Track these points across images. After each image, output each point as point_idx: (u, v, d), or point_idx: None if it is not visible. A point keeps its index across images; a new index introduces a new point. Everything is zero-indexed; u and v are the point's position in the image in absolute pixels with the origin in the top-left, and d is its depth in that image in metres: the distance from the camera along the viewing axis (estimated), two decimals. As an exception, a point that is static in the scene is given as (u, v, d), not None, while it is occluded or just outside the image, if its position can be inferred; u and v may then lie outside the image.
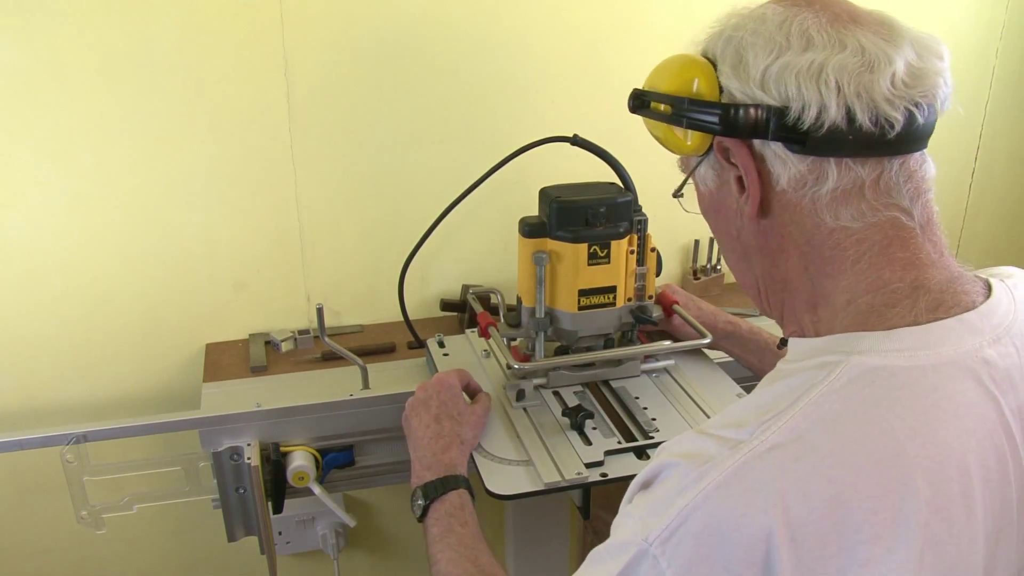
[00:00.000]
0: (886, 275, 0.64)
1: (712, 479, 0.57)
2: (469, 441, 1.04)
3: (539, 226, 1.12)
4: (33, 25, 1.22)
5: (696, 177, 0.75)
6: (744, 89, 0.66)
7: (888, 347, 0.61)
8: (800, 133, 0.64)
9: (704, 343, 1.16)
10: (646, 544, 0.58)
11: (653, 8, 1.47)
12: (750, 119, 0.65)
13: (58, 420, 1.43)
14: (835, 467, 0.56)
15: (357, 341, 1.47)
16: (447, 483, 0.96)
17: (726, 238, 0.76)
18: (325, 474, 1.26)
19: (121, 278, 1.39)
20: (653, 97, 0.76)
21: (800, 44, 0.64)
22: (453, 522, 0.92)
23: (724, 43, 0.69)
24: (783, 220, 0.68)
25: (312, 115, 1.38)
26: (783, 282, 0.71)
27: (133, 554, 1.59)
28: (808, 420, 0.58)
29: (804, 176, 0.65)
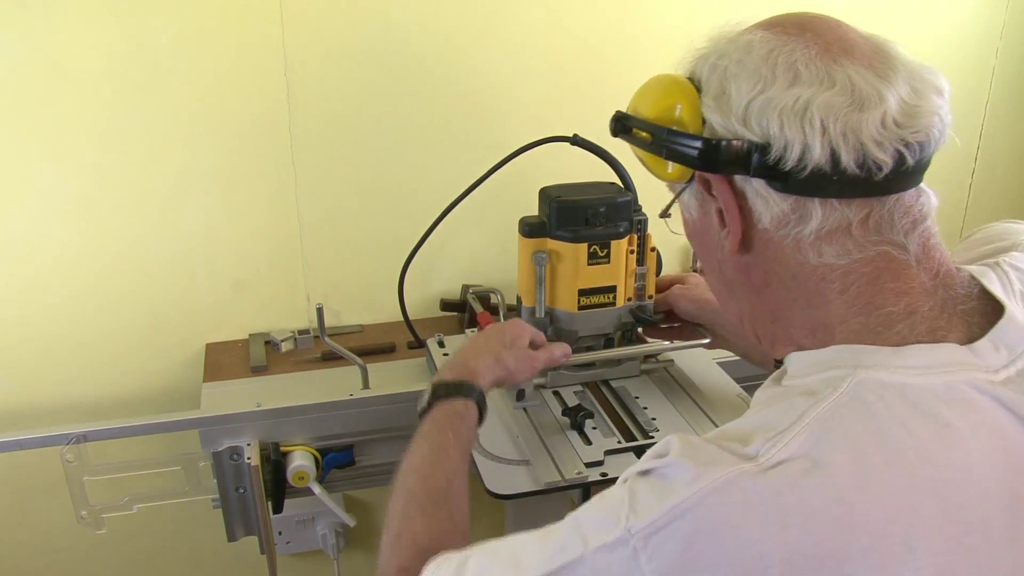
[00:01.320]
0: (877, 300, 0.62)
1: (711, 482, 0.54)
2: (509, 367, 0.97)
3: (539, 226, 1.12)
4: (33, 26, 1.22)
5: (680, 203, 0.73)
6: (725, 123, 0.63)
7: (898, 363, 0.58)
8: (782, 172, 0.60)
9: (704, 343, 1.16)
10: (628, 533, 0.56)
11: (652, 8, 1.47)
12: (731, 154, 0.62)
13: (58, 420, 1.42)
14: (843, 487, 0.53)
15: (357, 341, 1.47)
16: (460, 388, 0.92)
17: (710, 268, 0.74)
18: (325, 474, 1.26)
19: (121, 278, 1.39)
20: (634, 122, 0.73)
21: (786, 78, 0.60)
22: (447, 426, 0.88)
23: (709, 70, 0.66)
24: (766, 257, 0.65)
25: (312, 115, 1.38)
26: (771, 313, 0.69)
27: (133, 554, 1.59)
28: (814, 436, 0.55)
29: (787, 215, 0.62)
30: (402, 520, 0.79)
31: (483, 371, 0.95)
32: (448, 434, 0.87)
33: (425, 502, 0.80)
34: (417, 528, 0.78)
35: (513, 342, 1.00)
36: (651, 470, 0.59)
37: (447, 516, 0.80)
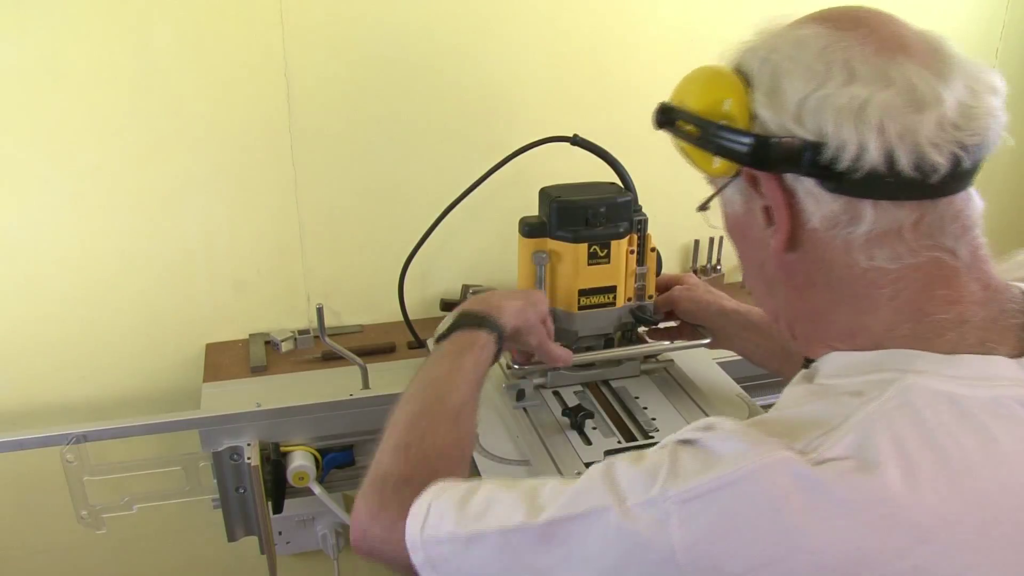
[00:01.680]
0: (928, 308, 0.60)
1: (761, 460, 0.54)
2: (530, 320, 0.97)
3: (539, 226, 1.12)
4: (33, 26, 1.22)
5: (723, 197, 0.70)
6: (778, 120, 0.61)
7: (949, 372, 0.58)
8: (835, 172, 0.59)
9: (704, 343, 1.16)
10: (662, 496, 0.56)
11: (652, 9, 1.47)
12: (783, 152, 0.60)
13: (58, 420, 1.43)
14: (888, 489, 0.53)
15: (357, 341, 1.47)
16: (484, 321, 0.90)
17: (750, 265, 0.72)
18: (325, 474, 1.26)
19: (121, 278, 1.39)
20: (680, 115, 0.70)
21: (842, 76, 0.59)
22: (467, 352, 0.87)
23: (760, 63, 0.63)
24: (813, 257, 0.64)
25: (312, 115, 1.38)
26: (812, 314, 0.67)
27: (133, 554, 1.59)
28: (863, 436, 0.55)
29: (837, 216, 0.61)
30: (410, 431, 0.78)
31: (509, 312, 0.94)
32: (467, 360, 0.87)
33: (438, 418, 0.80)
34: (427, 444, 0.77)
35: (535, 305, 1.00)
36: (695, 440, 0.59)
37: (456, 440, 0.80)
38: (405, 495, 0.71)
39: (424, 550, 0.67)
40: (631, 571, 0.57)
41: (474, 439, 0.83)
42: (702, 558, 0.54)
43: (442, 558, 0.66)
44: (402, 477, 0.74)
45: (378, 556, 0.73)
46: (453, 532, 0.66)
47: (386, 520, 0.71)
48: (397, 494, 0.72)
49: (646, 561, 0.56)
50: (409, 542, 0.68)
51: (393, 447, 0.78)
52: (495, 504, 0.65)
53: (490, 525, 0.64)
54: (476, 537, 0.64)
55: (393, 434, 0.79)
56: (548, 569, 0.61)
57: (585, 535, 0.59)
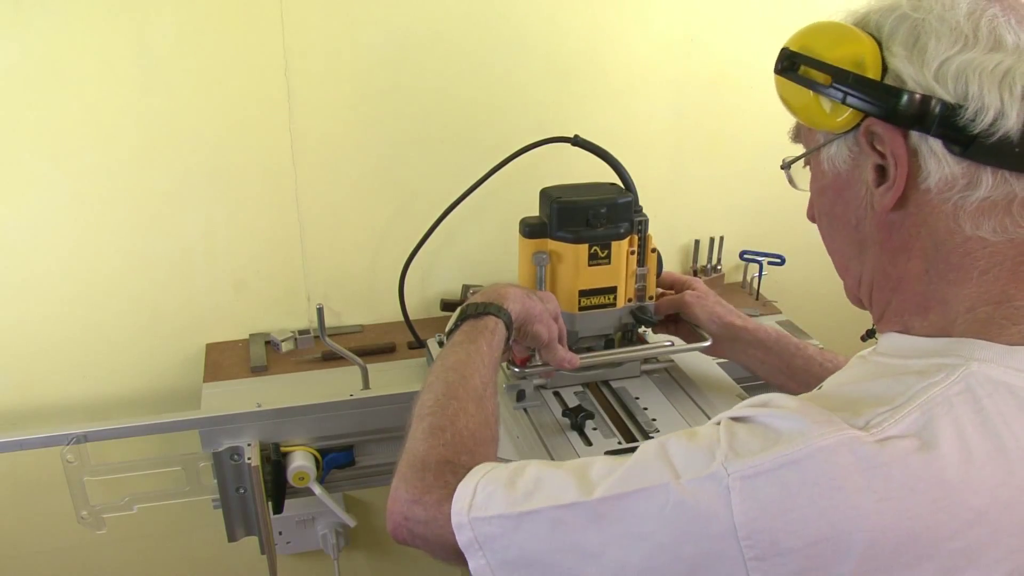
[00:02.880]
0: (1011, 291, 0.61)
1: (824, 439, 0.55)
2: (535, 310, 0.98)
3: (540, 226, 1.12)
4: (33, 25, 1.22)
5: (823, 154, 0.69)
6: (917, 76, 0.61)
7: (1012, 364, 0.59)
8: (967, 136, 0.59)
9: (704, 345, 1.16)
10: (723, 471, 0.56)
11: (653, 10, 1.47)
12: (918, 108, 0.60)
13: (58, 420, 1.43)
14: (946, 471, 0.54)
15: (357, 341, 1.47)
16: (489, 308, 0.92)
17: (841, 224, 0.71)
18: (325, 474, 1.26)
19: (121, 278, 1.39)
20: (808, 62, 0.68)
21: (989, 42, 0.60)
22: (478, 336, 0.89)
23: (897, 20, 0.63)
24: (917, 219, 0.64)
25: (312, 115, 1.38)
26: (896, 281, 0.67)
27: (133, 554, 1.59)
28: (925, 417, 0.56)
29: (955, 179, 0.61)
30: (442, 414, 0.79)
31: (512, 298, 0.96)
32: (482, 344, 0.88)
33: (464, 400, 0.81)
34: (460, 425, 0.78)
35: (543, 299, 1.02)
36: (750, 417, 0.60)
37: (484, 420, 0.80)
38: (448, 477, 0.71)
39: (472, 529, 0.67)
40: (688, 547, 0.58)
41: (499, 418, 0.84)
42: (761, 532, 0.55)
43: (491, 537, 0.66)
44: (442, 459, 0.74)
45: (420, 540, 0.74)
46: (503, 511, 0.66)
47: (430, 502, 0.71)
48: (440, 477, 0.73)
49: (705, 535, 0.57)
50: (456, 522, 0.68)
51: (426, 431, 0.78)
52: (545, 482, 0.65)
53: (541, 503, 0.64)
54: (527, 515, 0.64)
55: (423, 419, 0.79)
56: (601, 547, 0.61)
57: (641, 511, 0.60)
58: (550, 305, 1.03)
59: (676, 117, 1.52)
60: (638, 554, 0.59)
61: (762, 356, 1.12)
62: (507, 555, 0.65)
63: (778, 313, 1.56)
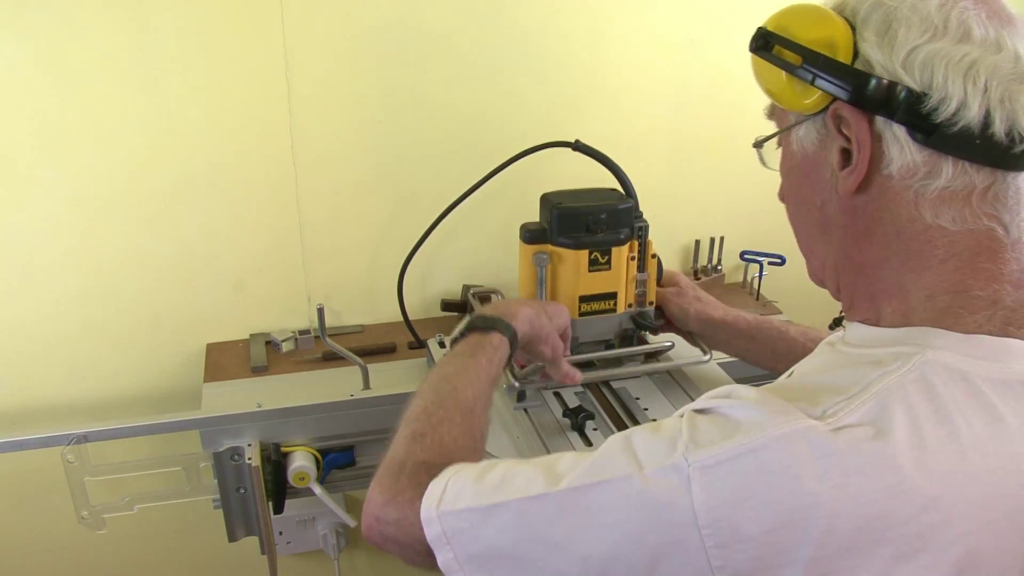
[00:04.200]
0: (969, 281, 0.63)
1: (781, 428, 0.56)
2: (544, 329, 1.00)
3: (540, 232, 1.12)
4: (33, 25, 1.22)
5: (792, 135, 0.71)
6: (885, 63, 0.62)
7: (966, 351, 0.60)
8: (930, 124, 0.60)
9: (704, 360, 1.17)
10: (684, 462, 0.58)
11: (654, 13, 1.46)
12: (884, 94, 0.62)
13: (59, 420, 1.43)
14: (898, 456, 0.55)
15: (358, 341, 1.47)
16: (497, 324, 0.93)
17: (807, 206, 0.73)
18: (326, 474, 1.26)
19: (121, 278, 1.39)
20: (781, 42, 0.69)
21: (958, 33, 0.61)
22: (480, 352, 0.90)
23: (872, 7, 0.64)
24: (879, 205, 0.65)
25: (313, 115, 1.38)
26: (860, 266, 0.69)
27: (134, 554, 1.59)
28: (880, 406, 0.57)
29: (917, 167, 0.62)
30: (427, 422, 0.80)
31: (522, 317, 0.97)
32: (481, 359, 0.89)
33: (453, 411, 0.81)
34: (443, 433, 0.79)
35: (552, 316, 1.03)
36: (711, 408, 0.62)
37: (469, 431, 0.81)
38: (422, 478, 0.72)
39: (440, 523, 0.67)
40: (651, 536, 0.59)
41: (486, 434, 0.84)
42: (721, 520, 0.56)
43: (458, 530, 0.66)
44: (419, 462, 0.75)
45: (391, 542, 0.74)
46: (471, 504, 0.66)
47: (401, 501, 0.72)
48: (414, 477, 0.73)
49: (667, 524, 0.58)
50: (424, 517, 0.68)
51: (408, 436, 0.79)
52: (513, 476, 0.66)
53: (509, 495, 0.65)
54: (494, 508, 0.65)
55: (408, 425, 0.80)
56: (567, 537, 0.62)
57: (606, 502, 0.61)
58: (559, 320, 1.04)
59: (676, 118, 1.52)
60: (603, 543, 0.60)
61: (746, 345, 1.15)
62: (474, 548, 0.66)
63: (779, 313, 1.57)
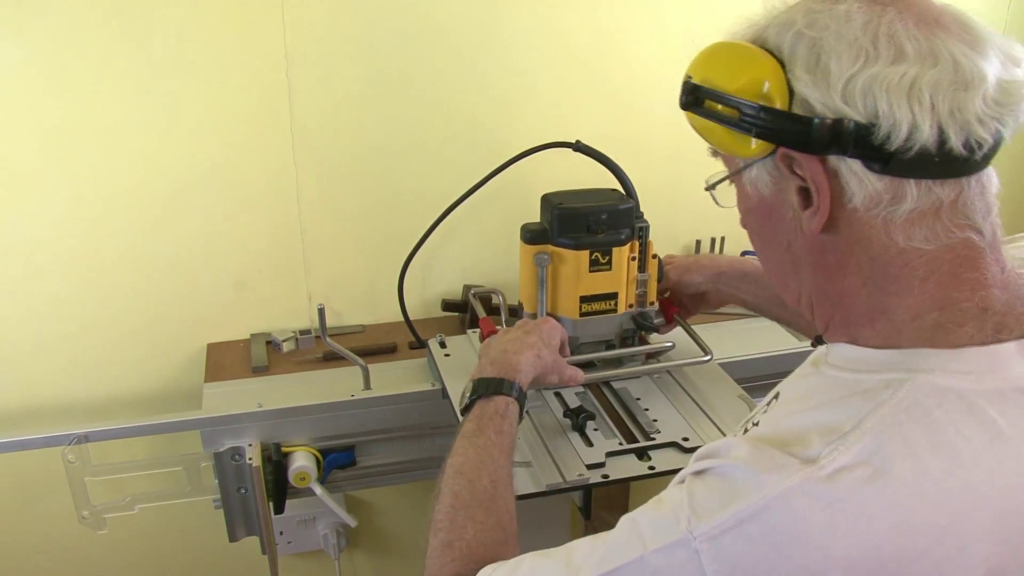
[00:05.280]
0: (954, 295, 0.60)
1: (777, 488, 0.55)
2: (547, 365, 0.99)
3: (541, 233, 1.12)
4: (34, 25, 1.22)
5: (744, 178, 0.67)
6: (825, 99, 0.58)
7: (956, 368, 0.58)
8: (885, 153, 0.57)
9: (704, 360, 1.17)
10: (689, 535, 0.57)
11: (655, 13, 1.46)
12: (831, 134, 0.58)
13: (59, 420, 1.43)
14: (901, 492, 0.54)
15: (358, 341, 1.47)
16: (500, 385, 0.92)
17: (773, 247, 0.70)
18: (326, 474, 1.26)
19: (122, 278, 1.39)
20: (712, 96, 0.65)
21: (890, 53, 0.57)
22: (489, 426, 0.88)
23: (794, 39, 0.60)
24: (848, 238, 0.62)
25: (314, 115, 1.38)
26: (837, 297, 0.66)
27: (134, 554, 1.59)
28: (876, 441, 0.56)
29: (880, 195, 0.59)
30: (451, 528, 0.80)
31: (525, 367, 0.96)
32: (490, 435, 0.88)
33: (474, 509, 0.81)
34: (469, 536, 0.79)
35: (548, 342, 1.02)
36: (707, 470, 0.61)
37: (496, 524, 0.81)
38: None
39: None
40: None
41: (514, 511, 0.84)
42: None
43: None
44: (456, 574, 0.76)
45: None
46: None
47: None
48: None
49: None
50: None
51: (438, 547, 0.79)
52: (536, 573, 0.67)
53: None
54: None
55: (436, 535, 0.80)
56: None
57: None
58: (554, 340, 1.03)
59: (677, 118, 1.50)
60: None
61: (754, 288, 1.15)
62: None
63: (779, 314, 1.56)
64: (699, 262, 1.21)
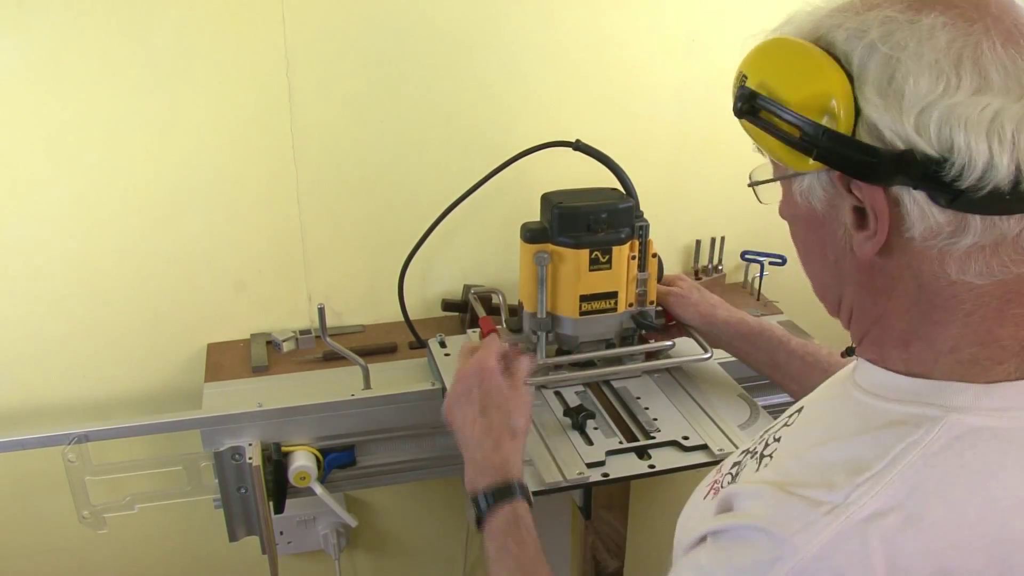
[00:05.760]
0: (998, 332, 0.58)
1: (809, 551, 0.54)
2: (521, 429, 0.95)
3: (541, 232, 1.12)
4: (34, 25, 1.22)
5: (794, 186, 0.63)
6: (895, 126, 0.54)
7: (988, 405, 0.57)
8: (956, 189, 0.53)
9: (704, 358, 1.17)
10: None
11: (656, 13, 1.46)
12: (899, 165, 0.54)
13: (59, 420, 1.43)
14: (937, 540, 0.53)
15: (358, 341, 1.47)
16: (500, 492, 0.89)
17: (817, 258, 0.66)
18: (326, 474, 1.26)
19: (122, 278, 1.39)
20: (770, 107, 0.60)
21: (973, 81, 0.52)
22: (508, 541, 0.85)
23: (866, 52, 0.55)
24: (900, 263, 0.59)
25: (314, 115, 1.38)
26: (876, 317, 0.63)
27: (134, 554, 1.59)
28: (907, 486, 0.54)
29: (941, 227, 0.55)
30: None
31: (510, 455, 0.92)
32: (511, 547, 0.86)
33: None
34: None
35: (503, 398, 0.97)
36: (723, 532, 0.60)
37: None
38: None
39: None
40: None
41: None
42: None
43: None
44: None
45: None
46: None
47: None
48: None
49: None
50: None
51: None
52: None
53: None
54: None
55: None
56: None
57: None
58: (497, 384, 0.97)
59: (677, 117, 1.52)
60: None
61: (747, 348, 1.14)
62: None
63: (779, 313, 1.57)
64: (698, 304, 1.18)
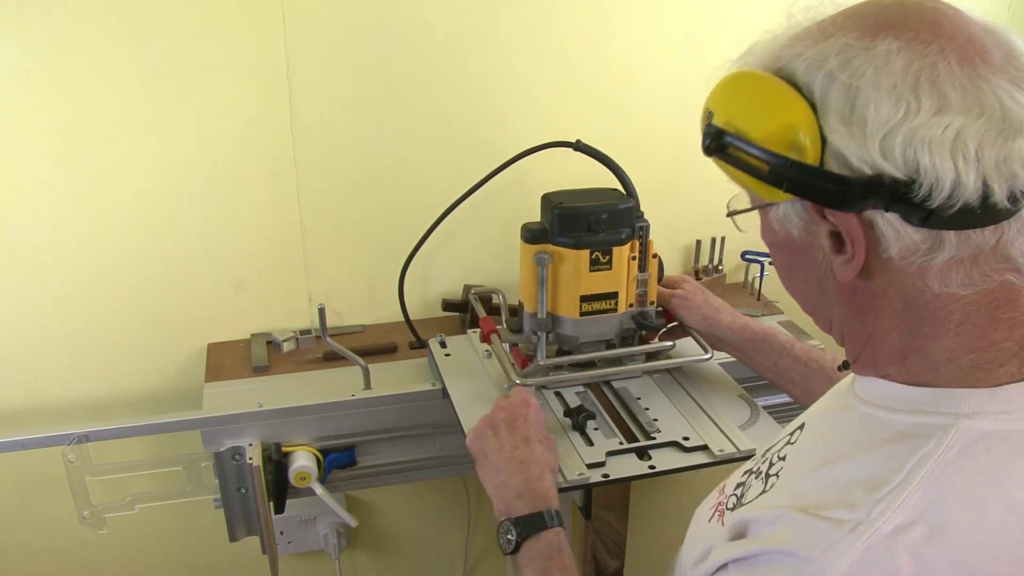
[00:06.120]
0: (992, 335, 0.58)
1: (838, 569, 0.54)
2: (556, 470, 0.98)
3: (541, 232, 1.12)
4: (34, 25, 1.22)
5: (771, 214, 0.64)
6: (861, 154, 0.55)
7: (996, 408, 0.57)
8: (926, 209, 0.54)
9: (705, 358, 1.17)
10: None
11: (656, 14, 1.46)
12: (869, 191, 0.55)
13: (60, 420, 1.43)
14: (962, 548, 0.54)
15: (359, 341, 1.47)
16: (544, 520, 0.88)
17: (802, 282, 0.67)
18: (327, 474, 1.26)
19: (122, 278, 1.39)
20: (738, 143, 0.61)
21: (933, 103, 0.53)
22: (552, 565, 0.85)
23: (826, 82, 0.56)
24: (881, 283, 0.60)
25: (314, 115, 1.38)
26: (867, 335, 0.64)
27: (135, 554, 1.59)
28: (928, 497, 0.55)
29: (917, 245, 0.56)
30: None
31: (551, 488, 0.93)
32: (555, 572, 0.86)
33: None
34: None
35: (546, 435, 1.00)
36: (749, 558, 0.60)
37: None
38: None
39: None
40: None
41: None
42: None
43: None
44: None
45: None
46: None
47: None
48: None
49: None
50: None
51: None
52: None
53: None
54: None
55: None
56: None
57: None
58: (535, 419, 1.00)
59: (678, 117, 1.52)
60: None
61: (751, 353, 1.15)
62: None
63: (780, 313, 1.57)
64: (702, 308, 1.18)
